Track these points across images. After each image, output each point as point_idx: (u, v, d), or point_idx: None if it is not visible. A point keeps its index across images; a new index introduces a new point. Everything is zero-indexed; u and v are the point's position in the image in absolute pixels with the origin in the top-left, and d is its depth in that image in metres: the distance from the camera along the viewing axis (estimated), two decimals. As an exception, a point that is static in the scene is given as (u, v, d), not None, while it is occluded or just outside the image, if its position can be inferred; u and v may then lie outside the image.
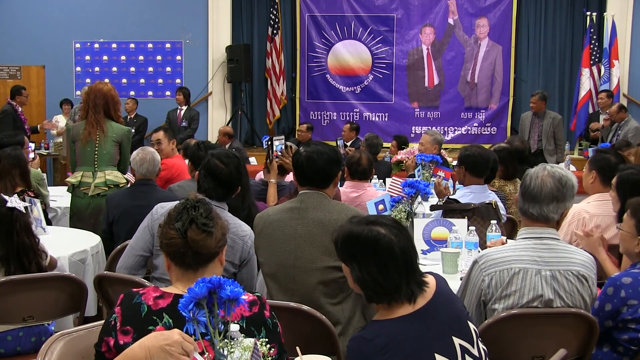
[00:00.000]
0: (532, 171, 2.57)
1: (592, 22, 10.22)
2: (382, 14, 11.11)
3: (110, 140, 4.85)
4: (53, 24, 10.77)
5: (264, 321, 1.98)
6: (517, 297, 2.47)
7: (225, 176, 3.14)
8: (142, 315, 1.90)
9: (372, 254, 1.93)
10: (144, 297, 1.94)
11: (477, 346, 1.99)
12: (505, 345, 2.49)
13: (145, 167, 4.27)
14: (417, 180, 3.97)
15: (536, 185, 2.51)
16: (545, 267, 2.48)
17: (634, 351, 2.65)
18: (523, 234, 2.57)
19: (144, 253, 3.11)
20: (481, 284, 2.50)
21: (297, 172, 3.00)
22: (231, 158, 3.22)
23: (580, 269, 2.51)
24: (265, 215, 3.02)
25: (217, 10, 10.88)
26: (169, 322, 1.89)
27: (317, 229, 2.83)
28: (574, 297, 2.50)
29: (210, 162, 3.18)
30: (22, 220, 3.05)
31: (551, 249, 2.51)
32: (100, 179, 4.81)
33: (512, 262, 2.49)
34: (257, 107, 11.46)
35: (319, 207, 2.88)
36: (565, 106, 10.96)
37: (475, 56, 11.02)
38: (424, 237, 3.50)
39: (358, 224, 1.98)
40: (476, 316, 2.54)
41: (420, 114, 11.21)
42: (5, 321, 2.98)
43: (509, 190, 5.11)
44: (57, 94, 10.57)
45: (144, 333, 1.85)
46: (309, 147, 3.02)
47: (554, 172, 2.52)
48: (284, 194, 4.63)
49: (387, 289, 1.92)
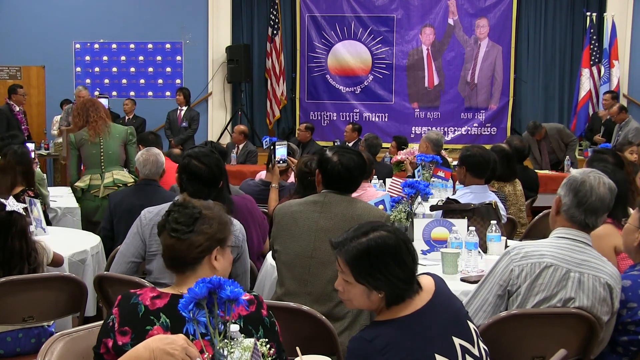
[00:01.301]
0: (588, 181, 2.52)
1: (592, 22, 10.22)
2: (382, 14, 11.11)
3: (114, 139, 4.88)
4: (53, 24, 10.78)
5: (262, 320, 1.98)
6: (543, 290, 2.48)
7: (208, 176, 3.12)
8: (140, 316, 1.91)
9: (388, 255, 1.95)
10: (141, 297, 1.95)
11: (477, 346, 1.99)
12: (505, 345, 2.49)
13: (149, 168, 4.27)
14: (417, 180, 3.97)
15: (598, 198, 2.50)
16: (575, 269, 2.49)
17: (634, 352, 2.65)
18: (559, 233, 2.57)
19: (135, 259, 3.09)
20: (510, 274, 2.50)
21: (328, 178, 2.99)
22: (209, 156, 3.19)
23: (608, 279, 2.51)
24: (287, 205, 3.05)
25: (217, 11, 10.88)
26: (167, 322, 1.90)
27: (340, 223, 2.86)
28: (594, 305, 2.50)
29: (190, 164, 3.14)
30: (19, 224, 3.03)
31: (584, 252, 2.52)
32: (108, 179, 4.84)
33: (544, 257, 2.50)
34: (257, 108, 11.46)
35: (344, 202, 2.93)
36: (565, 106, 10.97)
37: (475, 56, 11.03)
38: (424, 237, 3.49)
39: (358, 239, 1.98)
40: (494, 305, 2.54)
41: (420, 114, 11.21)
42: (5, 321, 2.98)
43: (508, 190, 5.11)
44: (57, 94, 10.57)
45: (141, 333, 1.86)
46: (341, 154, 2.98)
47: (606, 183, 2.53)
48: (284, 194, 4.64)
49: (407, 281, 1.95)
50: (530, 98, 11.04)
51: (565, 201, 2.55)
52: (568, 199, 2.55)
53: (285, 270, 2.97)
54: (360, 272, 1.96)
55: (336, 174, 2.95)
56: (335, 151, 3.01)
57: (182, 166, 3.19)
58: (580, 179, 2.55)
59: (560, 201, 2.57)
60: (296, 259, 2.91)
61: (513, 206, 5.11)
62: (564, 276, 2.48)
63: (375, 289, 1.95)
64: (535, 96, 11.00)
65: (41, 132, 10.70)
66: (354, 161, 2.97)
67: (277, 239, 3.02)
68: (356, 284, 1.97)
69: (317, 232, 2.89)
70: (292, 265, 2.93)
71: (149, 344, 1.73)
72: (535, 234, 4.55)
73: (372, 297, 1.96)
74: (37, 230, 3.96)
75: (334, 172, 2.95)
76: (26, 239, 3.07)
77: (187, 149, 5.30)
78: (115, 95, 10.72)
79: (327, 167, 2.97)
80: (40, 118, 11.06)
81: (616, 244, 3.14)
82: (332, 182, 2.98)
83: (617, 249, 3.13)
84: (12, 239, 3.01)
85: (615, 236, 3.15)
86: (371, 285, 1.95)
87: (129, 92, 10.90)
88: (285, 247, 2.97)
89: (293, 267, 2.92)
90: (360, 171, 3.01)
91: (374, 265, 1.95)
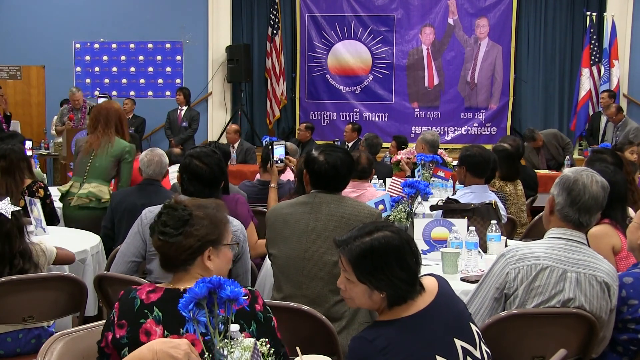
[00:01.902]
0: (581, 179, 2.51)
1: (592, 22, 10.22)
2: (382, 14, 11.11)
3: (107, 154, 4.76)
4: (53, 24, 10.77)
5: (254, 315, 1.98)
6: (540, 293, 2.48)
7: (209, 176, 3.11)
8: (135, 309, 1.94)
9: (391, 256, 1.95)
10: (139, 292, 1.98)
11: (479, 348, 1.99)
12: (505, 345, 2.49)
13: (152, 169, 4.27)
14: (417, 180, 3.97)
15: (591, 196, 2.50)
16: (571, 269, 2.48)
17: (634, 351, 2.65)
18: (553, 233, 2.56)
19: (135, 259, 3.09)
20: (506, 276, 2.50)
21: (315, 178, 2.98)
22: (211, 156, 3.17)
23: (605, 277, 2.51)
24: (277, 208, 3.04)
25: (217, 10, 10.88)
26: (159, 315, 1.92)
27: (331, 223, 2.86)
28: (592, 304, 2.50)
29: (192, 164, 3.12)
30: (4, 228, 2.92)
31: (579, 251, 2.52)
32: (84, 190, 4.71)
33: (540, 259, 2.49)
34: (257, 107, 11.46)
35: (333, 202, 2.92)
36: (565, 106, 10.97)
37: (475, 56, 11.03)
38: (424, 237, 3.49)
39: (362, 239, 1.98)
40: (491, 308, 2.54)
41: (420, 114, 11.21)
42: (5, 321, 2.98)
43: (509, 190, 5.11)
44: (57, 94, 10.56)
45: (136, 326, 1.91)
46: (327, 153, 2.97)
47: (599, 181, 2.53)
48: (283, 193, 4.63)
49: (409, 282, 1.95)
50: (530, 98, 11.04)
51: (559, 200, 2.55)
52: (561, 198, 2.54)
53: (280, 274, 2.96)
54: (362, 272, 1.96)
55: (323, 173, 2.94)
56: (321, 150, 3.00)
57: (183, 166, 3.18)
58: (573, 177, 2.54)
59: (553, 201, 2.57)
60: (290, 262, 2.90)
61: (514, 206, 5.11)
62: (560, 277, 2.48)
63: (377, 289, 1.95)
64: (535, 96, 11.00)
65: (41, 132, 10.69)
66: (341, 159, 2.95)
67: (271, 243, 3.00)
68: (358, 283, 1.97)
69: (307, 233, 2.88)
70: (286, 269, 2.92)
71: (153, 346, 1.74)
72: (535, 234, 4.55)
73: (374, 297, 1.96)
74: (37, 230, 3.96)
75: (321, 171, 2.94)
76: (10, 243, 2.95)
77: (188, 149, 5.30)
78: (115, 95, 10.71)
79: (314, 166, 2.95)
80: (40, 118, 11.06)
81: (614, 244, 3.14)
82: (320, 181, 2.97)
83: (615, 249, 3.13)
84: None
85: (613, 236, 3.15)
86: (373, 285, 1.95)
87: (129, 92, 10.90)
88: (277, 251, 2.96)
89: (287, 270, 2.92)
90: (348, 169, 2.98)
91: (376, 265, 1.95)
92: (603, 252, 2.89)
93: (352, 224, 2.81)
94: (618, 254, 3.14)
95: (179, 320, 1.86)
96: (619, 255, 3.14)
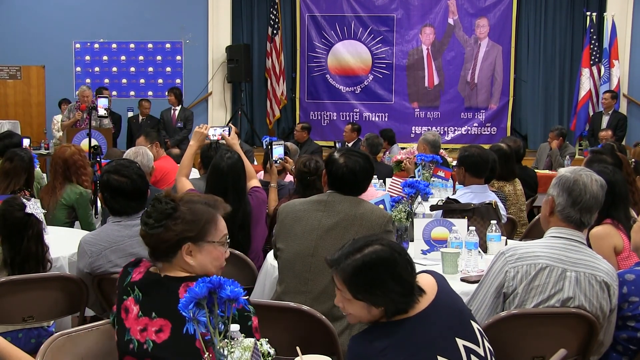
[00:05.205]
0: (581, 179, 2.51)
1: (592, 22, 10.22)
2: (382, 14, 11.11)
3: (60, 206, 4.48)
4: (53, 24, 10.78)
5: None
6: (540, 292, 2.48)
7: (131, 188, 2.99)
8: (124, 285, 2.06)
9: (384, 270, 1.92)
10: (137, 268, 2.09)
11: (483, 345, 1.98)
12: (505, 345, 2.49)
13: (139, 160, 4.28)
14: (417, 180, 3.97)
15: (592, 196, 2.49)
16: (571, 268, 2.48)
17: (633, 351, 2.65)
18: (553, 232, 2.56)
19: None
20: (505, 275, 2.50)
21: (332, 179, 3.00)
22: (129, 167, 3.06)
23: (604, 276, 2.51)
24: (290, 204, 3.07)
25: (217, 10, 10.88)
26: (139, 295, 2.01)
27: (344, 222, 2.89)
28: (592, 303, 2.50)
29: (110, 180, 2.99)
30: (36, 228, 3.03)
31: (578, 251, 2.52)
32: None
33: (539, 258, 2.49)
34: (257, 107, 11.46)
35: (347, 202, 2.95)
36: (565, 106, 10.97)
37: (475, 56, 11.03)
38: (424, 237, 3.49)
39: (353, 256, 1.95)
40: (491, 307, 2.54)
41: (420, 114, 11.21)
42: (5, 321, 2.98)
43: (508, 190, 5.10)
44: (57, 94, 10.58)
45: (120, 302, 2.03)
46: (347, 156, 2.99)
47: (598, 180, 2.53)
48: (283, 193, 4.64)
49: (406, 294, 1.92)
50: (530, 98, 11.04)
51: (560, 201, 2.54)
52: (562, 199, 2.53)
53: (286, 268, 2.98)
54: (357, 290, 1.93)
55: (340, 176, 2.97)
56: (342, 153, 3.03)
57: (102, 184, 3.03)
58: (572, 177, 2.53)
59: (553, 202, 2.56)
60: (297, 257, 2.92)
61: (513, 206, 5.10)
62: (560, 276, 2.48)
63: (374, 305, 1.92)
64: (535, 96, 11.00)
65: (41, 132, 10.70)
66: (360, 164, 2.97)
67: (280, 237, 3.03)
68: (355, 301, 1.94)
69: (319, 230, 2.91)
70: (293, 263, 2.94)
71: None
72: (535, 234, 4.54)
73: (373, 312, 1.94)
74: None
75: (338, 173, 2.97)
76: (42, 243, 3.06)
77: (184, 148, 5.30)
78: (115, 95, 10.72)
79: (333, 168, 2.99)
80: (40, 118, 11.06)
81: (616, 244, 3.14)
82: (336, 183, 3.00)
83: (617, 249, 3.14)
84: (28, 241, 3.00)
85: (615, 236, 3.15)
86: (370, 302, 1.92)
87: (129, 92, 10.90)
88: (286, 246, 2.98)
89: (294, 265, 2.93)
90: (365, 175, 3.01)
91: (370, 282, 1.92)
92: (605, 252, 2.89)
93: (364, 224, 2.85)
94: (620, 254, 3.14)
95: (153, 304, 1.96)
96: (621, 255, 3.14)
